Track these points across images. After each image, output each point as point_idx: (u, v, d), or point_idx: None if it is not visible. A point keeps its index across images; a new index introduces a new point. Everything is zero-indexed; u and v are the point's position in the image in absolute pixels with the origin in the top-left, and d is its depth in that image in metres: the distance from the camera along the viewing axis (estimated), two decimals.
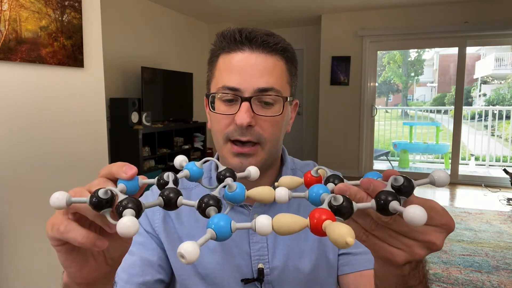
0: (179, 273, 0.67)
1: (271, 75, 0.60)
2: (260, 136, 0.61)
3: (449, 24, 4.67)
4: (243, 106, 0.59)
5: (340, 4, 4.71)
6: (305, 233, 0.68)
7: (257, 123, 0.60)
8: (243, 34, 0.61)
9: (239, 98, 0.60)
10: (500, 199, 4.10)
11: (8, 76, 1.59)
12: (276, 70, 0.61)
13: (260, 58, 0.60)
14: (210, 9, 4.92)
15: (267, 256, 0.66)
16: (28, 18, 1.63)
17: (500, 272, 2.40)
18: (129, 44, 4.21)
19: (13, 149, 1.63)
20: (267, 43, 0.61)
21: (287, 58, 0.64)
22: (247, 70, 0.60)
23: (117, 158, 3.88)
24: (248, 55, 0.60)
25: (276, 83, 0.61)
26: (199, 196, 0.70)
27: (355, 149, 5.27)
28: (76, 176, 1.93)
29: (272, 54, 0.61)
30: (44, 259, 1.79)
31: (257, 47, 0.61)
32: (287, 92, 0.64)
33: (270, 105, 0.61)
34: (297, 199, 0.70)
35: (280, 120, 0.63)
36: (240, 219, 0.68)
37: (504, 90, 14.24)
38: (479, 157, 6.16)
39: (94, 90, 2.01)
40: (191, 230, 0.67)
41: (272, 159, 0.67)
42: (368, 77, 5.16)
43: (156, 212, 0.69)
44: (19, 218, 1.68)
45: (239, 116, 0.59)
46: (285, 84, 0.63)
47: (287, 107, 0.65)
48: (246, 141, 0.61)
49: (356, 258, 0.69)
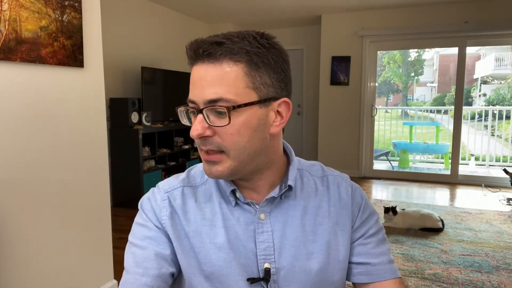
0: (186, 270, 0.67)
1: (220, 85, 0.59)
2: (220, 145, 0.61)
3: (449, 24, 4.67)
4: (196, 118, 0.61)
5: (340, 4, 4.71)
6: (313, 235, 0.69)
7: (216, 133, 0.61)
8: (192, 48, 0.61)
9: (195, 110, 0.62)
10: (500, 199, 4.11)
11: (8, 76, 1.59)
12: (226, 79, 0.59)
13: (209, 68, 0.60)
14: (210, 9, 4.92)
15: (273, 256, 0.66)
16: (28, 18, 1.63)
17: (500, 272, 2.40)
18: (129, 44, 4.21)
19: (13, 149, 1.63)
20: (210, 53, 0.59)
21: (248, 60, 0.60)
22: (198, 83, 0.61)
23: (117, 158, 3.88)
24: (200, 67, 0.61)
25: (227, 92, 0.59)
26: (205, 193, 0.72)
27: (355, 149, 5.27)
28: (76, 176, 1.93)
29: (221, 62, 0.59)
30: (45, 259, 1.79)
31: (205, 58, 0.60)
32: (249, 97, 0.60)
33: (224, 115, 0.60)
34: (303, 200, 0.71)
35: (242, 127, 0.60)
36: (246, 218, 0.68)
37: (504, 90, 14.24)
38: (479, 157, 6.16)
39: (94, 90, 2.00)
40: (197, 227, 0.68)
41: (258, 165, 0.66)
42: (368, 77, 5.16)
43: (163, 209, 0.69)
44: (19, 218, 1.68)
45: (192, 128, 0.61)
46: (242, 90, 0.60)
47: (245, 113, 0.60)
48: (209, 150, 0.63)
49: (376, 269, 0.71)
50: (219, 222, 0.68)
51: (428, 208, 3.69)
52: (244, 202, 0.68)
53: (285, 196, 0.69)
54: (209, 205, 0.70)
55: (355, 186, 0.76)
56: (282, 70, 0.64)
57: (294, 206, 0.69)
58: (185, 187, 0.72)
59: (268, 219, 0.68)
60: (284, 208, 0.69)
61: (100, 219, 2.08)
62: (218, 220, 0.68)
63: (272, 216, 0.68)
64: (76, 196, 1.93)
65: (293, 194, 0.70)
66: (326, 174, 0.76)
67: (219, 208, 0.69)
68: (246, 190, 0.69)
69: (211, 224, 0.68)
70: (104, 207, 2.11)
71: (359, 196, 0.75)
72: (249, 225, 0.67)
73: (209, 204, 0.70)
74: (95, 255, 2.05)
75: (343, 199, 0.73)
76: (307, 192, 0.72)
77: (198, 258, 0.66)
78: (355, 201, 0.74)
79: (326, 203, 0.72)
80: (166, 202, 0.70)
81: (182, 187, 0.72)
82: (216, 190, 0.70)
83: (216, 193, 0.70)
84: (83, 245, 1.99)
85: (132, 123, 3.85)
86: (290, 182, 0.68)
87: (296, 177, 0.71)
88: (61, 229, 1.87)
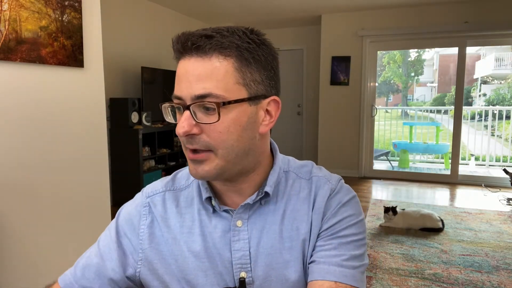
0: (165, 277, 0.66)
1: (209, 79, 0.56)
2: (208, 143, 0.58)
3: (449, 24, 4.67)
4: (183, 115, 0.57)
5: (340, 4, 4.71)
6: (290, 241, 0.64)
7: (203, 130, 0.58)
8: (179, 41, 0.58)
9: (181, 107, 0.59)
10: (500, 199, 4.11)
11: (8, 76, 1.59)
12: (215, 73, 0.56)
13: (197, 62, 0.57)
14: (210, 9, 4.92)
15: (249, 265, 0.63)
16: (28, 18, 1.63)
17: (500, 272, 2.40)
18: (129, 44, 4.21)
19: (13, 149, 1.63)
20: (199, 46, 0.56)
21: (238, 56, 0.58)
22: (185, 78, 0.58)
23: (117, 158, 3.88)
24: (187, 61, 0.58)
25: (216, 88, 0.56)
26: (188, 198, 0.70)
27: (355, 149, 5.27)
28: (76, 176, 1.93)
29: (210, 56, 0.57)
30: (45, 258, 1.79)
31: (193, 52, 0.57)
32: (238, 93, 0.58)
33: (212, 111, 0.56)
34: (283, 204, 0.66)
35: (231, 125, 0.57)
36: (223, 225, 0.65)
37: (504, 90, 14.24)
38: (479, 157, 6.16)
39: (94, 90, 2.01)
40: (176, 234, 0.66)
41: (244, 165, 0.62)
42: (368, 77, 5.16)
43: (143, 217, 0.68)
44: (19, 218, 1.68)
45: (178, 125, 0.58)
46: (231, 86, 0.57)
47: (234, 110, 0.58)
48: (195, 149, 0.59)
49: (319, 267, 0.62)
50: (196, 230, 0.65)
51: (428, 208, 3.69)
52: (221, 210, 0.65)
53: (265, 201, 0.65)
54: (189, 211, 0.68)
55: (338, 189, 0.67)
56: (272, 67, 0.62)
57: (274, 212, 0.65)
58: (167, 192, 0.70)
59: (245, 226, 0.64)
60: (263, 213, 0.65)
61: (100, 219, 2.08)
62: (196, 228, 0.66)
63: (250, 223, 0.64)
64: (76, 196, 1.93)
65: (274, 199, 0.66)
66: (311, 176, 0.69)
67: (197, 215, 0.66)
68: (229, 193, 0.66)
69: (189, 231, 0.66)
70: (104, 207, 2.11)
71: (336, 201, 0.66)
72: (227, 232, 0.65)
73: (189, 210, 0.68)
74: None
75: (318, 203, 0.66)
76: (289, 195, 0.67)
77: (177, 265, 0.65)
78: (328, 205, 0.65)
79: (307, 206, 0.66)
80: (147, 210, 0.69)
81: (164, 192, 0.70)
82: (197, 195, 0.68)
83: (197, 198, 0.68)
84: (83, 245, 1.99)
85: (132, 123, 3.85)
86: (267, 188, 0.64)
87: (281, 180, 0.67)
88: (61, 229, 1.87)
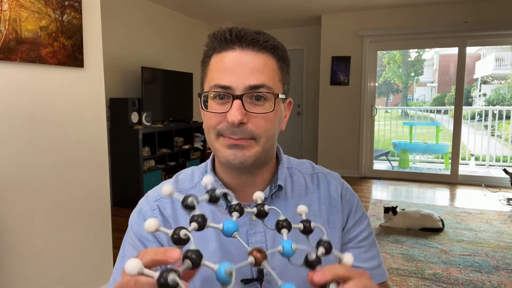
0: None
1: (262, 72, 0.61)
2: (253, 132, 0.61)
3: (449, 24, 4.67)
4: (234, 104, 0.60)
5: (340, 4, 4.71)
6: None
7: (249, 120, 0.61)
8: (233, 33, 0.61)
9: (231, 96, 0.61)
10: (500, 199, 4.11)
11: (8, 76, 1.59)
12: (267, 68, 0.62)
13: (251, 56, 0.61)
14: (210, 9, 4.92)
15: None
16: (28, 18, 1.63)
17: (500, 272, 2.40)
18: (129, 44, 4.21)
19: (13, 149, 1.63)
20: (257, 41, 0.61)
21: (278, 56, 0.64)
22: (238, 68, 0.60)
23: (117, 158, 3.88)
24: (239, 53, 0.61)
25: (268, 80, 0.61)
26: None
27: (355, 149, 5.27)
28: (76, 176, 1.93)
29: (262, 52, 0.62)
30: (45, 259, 1.79)
31: (247, 46, 0.61)
32: (279, 89, 0.64)
33: (262, 101, 0.61)
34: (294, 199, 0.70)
35: (273, 116, 0.63)
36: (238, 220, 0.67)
37: (504, 90, 14.24)
38: (479, 157, 6.16)
39: (94, 90, 2.01)
40: None
41: (267, 156, 0.67)
42: (368, 77, 5.16)
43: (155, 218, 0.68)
44: (19, 218, 1.68)
45: (231, 114, 0.59)
46: (277, 81, 0.64)
47: (279, 104, 0.65)
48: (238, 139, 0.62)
49: None
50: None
51: (428, 208, 3.69)
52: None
53: (275, 195, 0.69)
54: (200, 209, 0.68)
55: (346, 185, 0.76)
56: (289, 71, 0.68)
57: (286, 206, 0.69)
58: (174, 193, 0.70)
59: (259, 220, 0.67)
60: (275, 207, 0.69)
61: (100, 219, 2.08)
62: None
63: None
64: (76, 196, 1.93)
65: (284, 194, 0.70)
66: (316, 172, 0.75)
67: (210, 212, 0.67)
68: (243, 188, 0.69)
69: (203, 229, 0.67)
70: (104, 207, 2.11)
71: (350, 195, 0.74)
72: (242, 226, 0.67)
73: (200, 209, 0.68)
74: (95, 255, 2.05)
75: (333, 197, 0.72)
76: (298, 190, 0.72)
77: None
78: (346, 200, 0.73)
79: (317, 201, 0.71)
80: (157, 212, 0.68)
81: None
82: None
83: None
84: (83, 245, 1.99)
85: (132, 123, 3.85)
86: (280, 182, 0.69)
87: (286, 176, 0.71)
88: (61, 229, 1.87)
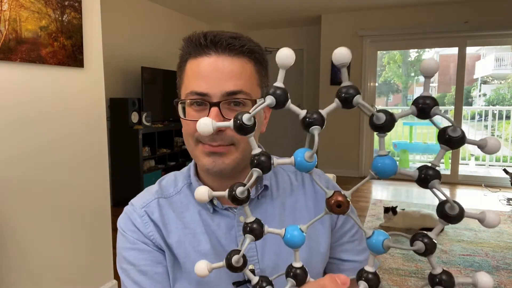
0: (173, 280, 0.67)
1: (239, 78, 0.60)
2: (232, 138, 0.61)
3: (449, 24, 4.66)
4: (212, 112, 0.59)
5: (340, 4, 4.71)
6: None
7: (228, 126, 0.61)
8: (208, 38, 0.60)
9: (208, 103, 0.60)
10: (500, 199, 4.10)
11: (8, 76, 1.59)
12: (244, 73, 0.61)
13: (227, 61, 0.60)
14: (210, 9, 4.92)
15: (256, 257, 0.66)
16: (28, 18, 1.63)
17: (500, 272, 2.40)
18: (129, 44, 4.21)
19: (13, 149, 1.63)
20: (233, 46, 0.60)
21: (256, 59, 0.63)
22: (214, 75, 0.59)
23: (117, 158, 3.88)
24: (215, 59, 0.60)
25: (245, 86, 0.60)
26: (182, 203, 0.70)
27: (355, 149, 5.27)
28: (76, 175, 1.93)
29: (239, 56, 0.61)
30: (45, 259, 1.79)
31: (223, 51, 0.60)
32: (257, 94, 0.63)
33: (241, 107, 0.60)
34: (280, 197, 0.70)
35: None
36: (226, 223, 0.67)
37: (504, 90, 14.23)
38: (479, 157, 6.16)
39: (94, 90, 2.00)
40: (180, 237, 0.66)
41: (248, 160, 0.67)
42: (368, 77, 5.16)
43: (146, 225, 0.67)
44: (19, 218, 1.68)
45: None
46: (255, 86, 0.63)
47: None
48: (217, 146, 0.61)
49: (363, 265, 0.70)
50: (200, 229, 0.66)
51: (428, 208, 3.69)
52: (222, 208, 0.67)
53: (262, 196, 0.69)
54: (188, 214, 0.68)
55: (331, 182, 0.76)
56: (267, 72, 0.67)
57: (272, 205, 0.69)
58: (160, 199, 0.70)
59: None
60: (262, 208, 0.69)
61: (100, 219, 2.08)
62: (199, 228, 0.67)
63: None
64: (76, 196, 1.93)
65: (270, 193, 0.70)
66: None
67: (198, 216, 0.67)
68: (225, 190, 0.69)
69: (193, 232, 0.66)
70: (104, 207, 2.11)
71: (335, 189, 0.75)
72: (230, 229, 0.67)
73: (188, 213, 0.68)
74: (95, 255, 2.05)
75: (318, 192, 0.72)
76: (283, 189, 0.72)
77: (184, 267, 0.65)
78: None
79: (303, 197, 0.72)
80: (146, 218, 0.68)
81: (157, 199, 0.69)
82: (193, 199, 0.69)
83: (193, 202, 0.69)
84: (83, 245, 1.99)
85: (132, 123, 3.85)
86: (266, 182, 0.68)
87: (270, 175, 0.71)
88: (61, 229, 1.87)
